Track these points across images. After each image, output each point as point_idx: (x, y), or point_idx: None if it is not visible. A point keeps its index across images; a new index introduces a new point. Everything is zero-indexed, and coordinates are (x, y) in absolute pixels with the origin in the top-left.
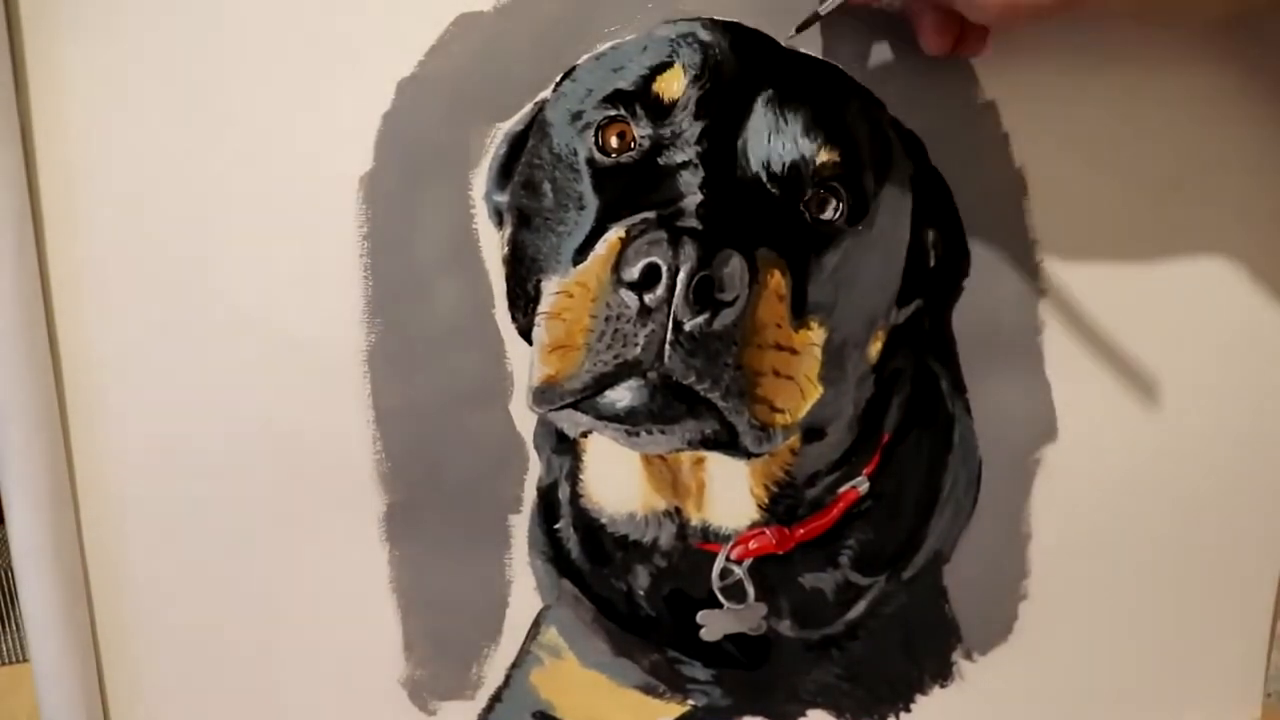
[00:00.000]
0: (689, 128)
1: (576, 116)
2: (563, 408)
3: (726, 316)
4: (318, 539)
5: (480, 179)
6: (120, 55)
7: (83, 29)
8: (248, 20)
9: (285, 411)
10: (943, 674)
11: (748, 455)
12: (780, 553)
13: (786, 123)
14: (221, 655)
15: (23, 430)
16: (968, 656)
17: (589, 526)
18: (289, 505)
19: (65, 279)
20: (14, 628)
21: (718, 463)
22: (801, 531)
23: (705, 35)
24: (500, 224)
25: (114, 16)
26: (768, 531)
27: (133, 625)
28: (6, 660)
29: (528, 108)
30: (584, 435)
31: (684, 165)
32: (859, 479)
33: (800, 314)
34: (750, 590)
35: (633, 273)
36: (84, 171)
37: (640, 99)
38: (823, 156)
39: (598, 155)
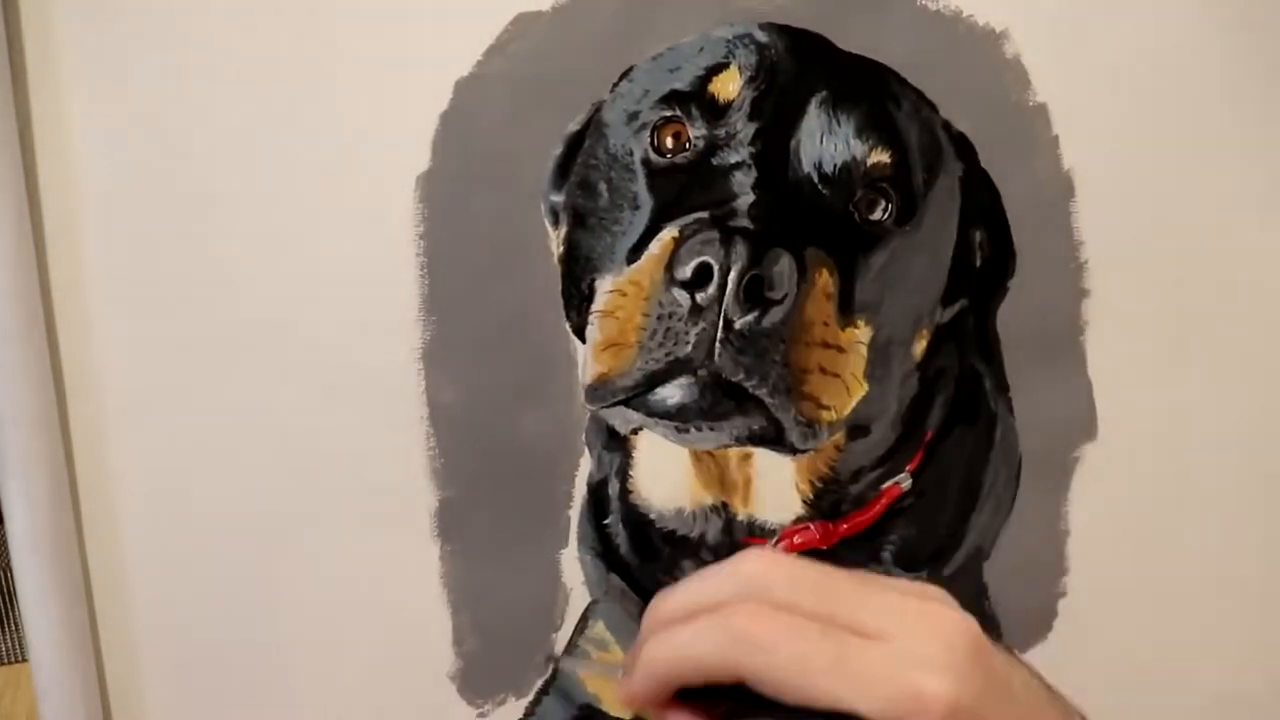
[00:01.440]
0: (743, 129)
1: (633, 117)
2: (615, 404)
3: (775, 314)
4: (368, 534)
5: (536, 179)
6: (159, 51)
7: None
8: (306, 19)
9: (336, 408)
10: None
11: (794, 451)
12: (824, 548)
13: (839, 124)
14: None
15: (23, 430)
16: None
17: (638, 522)
18: (338, 501)
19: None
20: (14, 628)
21: (765, 458)
22: (845, 527)
23: (762, 37)
24: (556, 223)
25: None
26: (812, 527)
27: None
28: (6, 660)
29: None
30: (634, 432)
31: (737, 166)
32: (902, 475)
33: (847, 312)
34: None
35: (685, 272)
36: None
37: (696, 100)
38: (873, 158)
39: (653, 155)
